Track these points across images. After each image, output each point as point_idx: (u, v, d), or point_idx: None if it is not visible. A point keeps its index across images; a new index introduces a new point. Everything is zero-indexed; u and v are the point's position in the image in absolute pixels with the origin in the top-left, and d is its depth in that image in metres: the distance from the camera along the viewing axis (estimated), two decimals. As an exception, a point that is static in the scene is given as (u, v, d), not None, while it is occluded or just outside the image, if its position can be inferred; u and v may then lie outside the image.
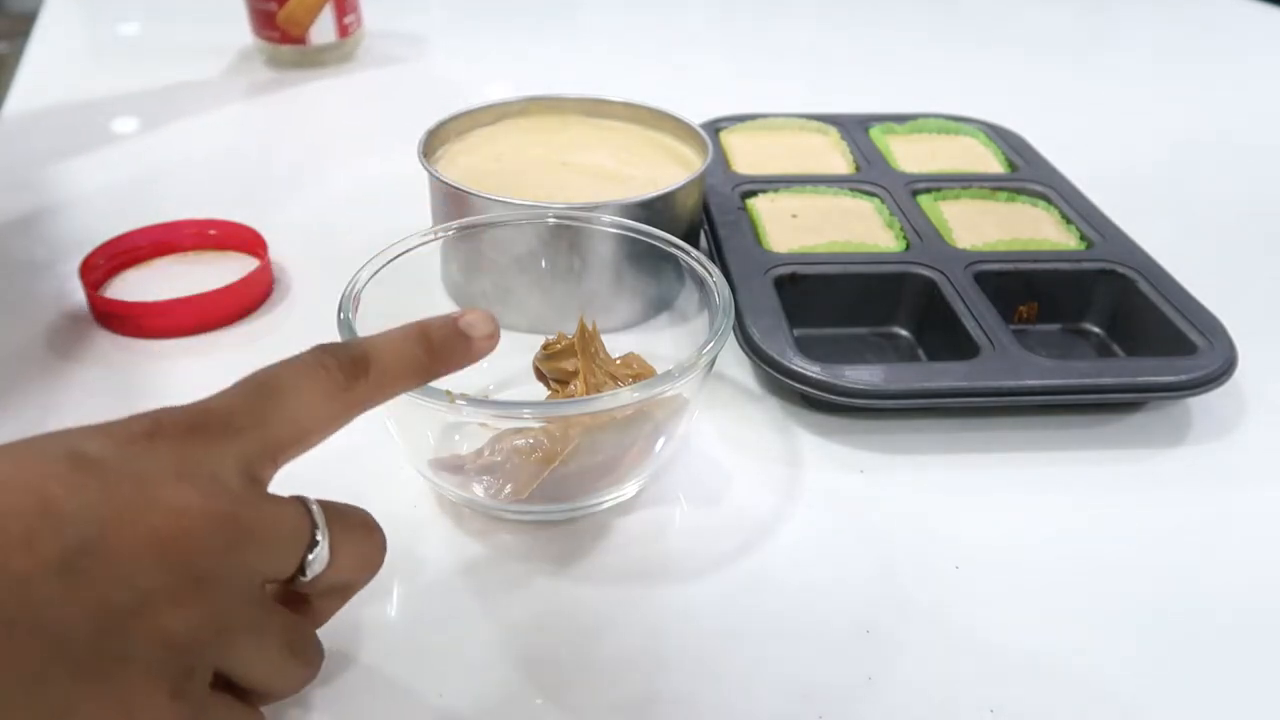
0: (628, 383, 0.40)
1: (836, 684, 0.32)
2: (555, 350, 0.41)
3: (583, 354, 0.40)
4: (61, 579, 0.21)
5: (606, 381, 0.40)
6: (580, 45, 0.99)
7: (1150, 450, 0.44)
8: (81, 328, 0.48)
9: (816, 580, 0.36)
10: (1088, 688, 0.33)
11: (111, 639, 0.22)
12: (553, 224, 0.45)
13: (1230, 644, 0.35)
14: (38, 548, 0.21)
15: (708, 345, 0.35)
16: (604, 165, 0.53)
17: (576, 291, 0.47)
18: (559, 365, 0.41)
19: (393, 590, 0.35)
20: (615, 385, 0.40)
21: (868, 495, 0.41)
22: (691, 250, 0.41)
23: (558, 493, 0.37)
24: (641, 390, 0.34)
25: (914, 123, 0.69)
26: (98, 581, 0.21)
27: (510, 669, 0.32)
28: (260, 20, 0.82)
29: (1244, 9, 1.14)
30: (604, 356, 0.41)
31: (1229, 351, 0.45)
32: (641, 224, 0.43)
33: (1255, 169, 0.75)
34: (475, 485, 0.37)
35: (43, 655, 0.21)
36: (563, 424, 0.36)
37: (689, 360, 0.35)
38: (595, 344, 0.41)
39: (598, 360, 0.41)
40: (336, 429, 0.28)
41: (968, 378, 0.43)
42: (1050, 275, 0.51)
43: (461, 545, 0.37)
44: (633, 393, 0.33)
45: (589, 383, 0.40)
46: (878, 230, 0.55)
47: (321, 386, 0.27)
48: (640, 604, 0.35)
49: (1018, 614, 0.35)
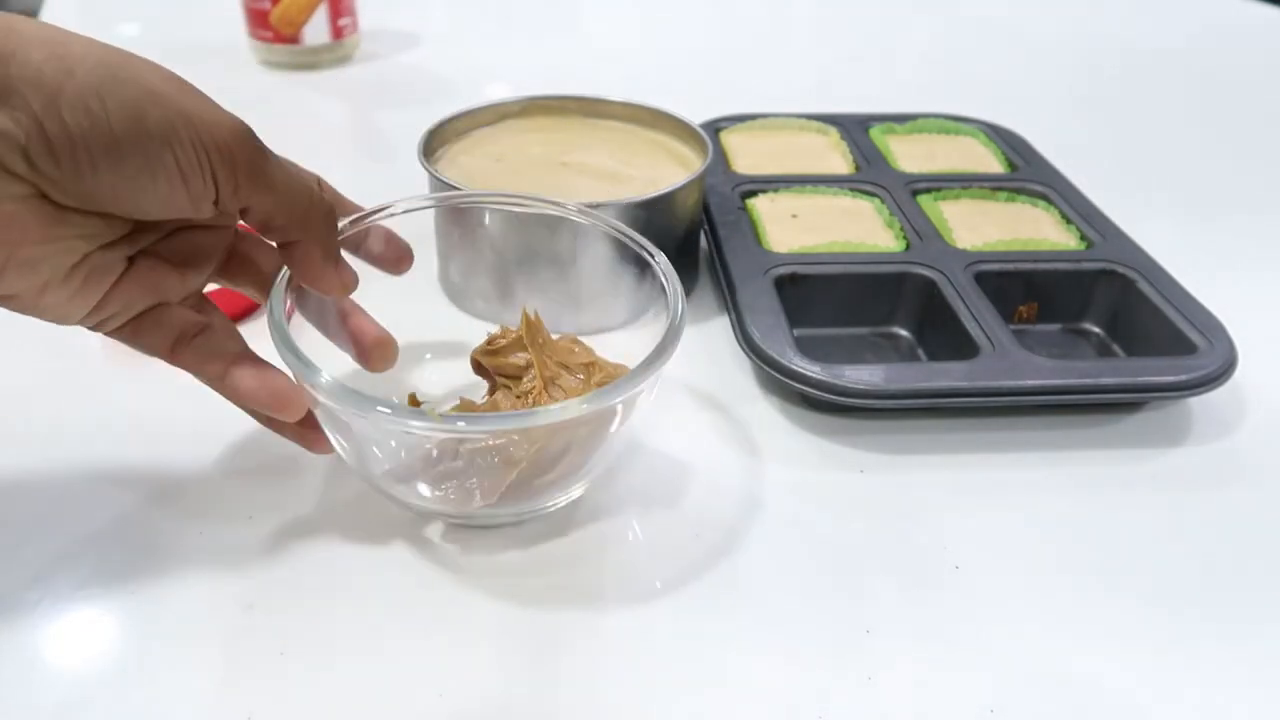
0: (579, 372, 0.39)
1: (836, 684, 0.32)
2: (500, 345, 0.40)
3: (532, 346, 0.40)
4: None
5: (560, 373, 0.39)
6: (580, 45, 0.99)
7: (1150, 450, 0.44)
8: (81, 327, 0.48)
9: (816, 580, 0.36)
10: (1087, 688, 0.33)
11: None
12: (549, 218, 0.43)
13: (1230, 644, 0.35)
14: None
15: (656, 361, 0.33)
16: (603, 165, 0.53)
17: (565, 289, 0.46)
18: (505, 360, 0.40)
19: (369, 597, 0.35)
20: (569, 375, 0.39)
21: (868, 495, 0.41)
22: (659, 257, 0.38)
23: (522, 494, 0.35)
24: (611, 394, 0.32)
25: (914, 123, 0.69)
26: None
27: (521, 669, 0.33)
28: (254, 20, 0.82)
29: (1244, 9, 1.14)
30: (550, 345, 0.41)
31: (1229, 351, 0.45)
32: (620, 224, 0.40)
33: (1255, 169, 0.75)
34: (436, 493, 0.35)
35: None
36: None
37: (641, 371, 0.33)
38: (542, 334, 0.40)
39: (547, 350, 0.40)
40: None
41: (968, 378, 0.43)
42: (1050, 275, 0.51)
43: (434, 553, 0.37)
44: (597, 400, 0.32)
45: (544, 376, 0.39)
46: (878, 230, 0.55)
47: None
48: (640, 604, 0.35)
49: (1018, 614, 0.35)
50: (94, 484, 0.39)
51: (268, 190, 0.30)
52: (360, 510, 0.38)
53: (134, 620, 0.33)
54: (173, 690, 0.31)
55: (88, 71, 0.27)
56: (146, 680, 0.31)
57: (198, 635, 0.33)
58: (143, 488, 0.39)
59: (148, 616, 0.34)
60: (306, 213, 0.32)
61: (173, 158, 0.28)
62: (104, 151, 0.27)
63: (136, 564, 0.35)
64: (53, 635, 0.33)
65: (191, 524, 0.37)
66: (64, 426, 0.42)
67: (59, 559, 0.35)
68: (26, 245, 0.28)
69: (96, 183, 0.27)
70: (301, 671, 0.32)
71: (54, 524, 0.37)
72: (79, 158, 0.27)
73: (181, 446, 0.41)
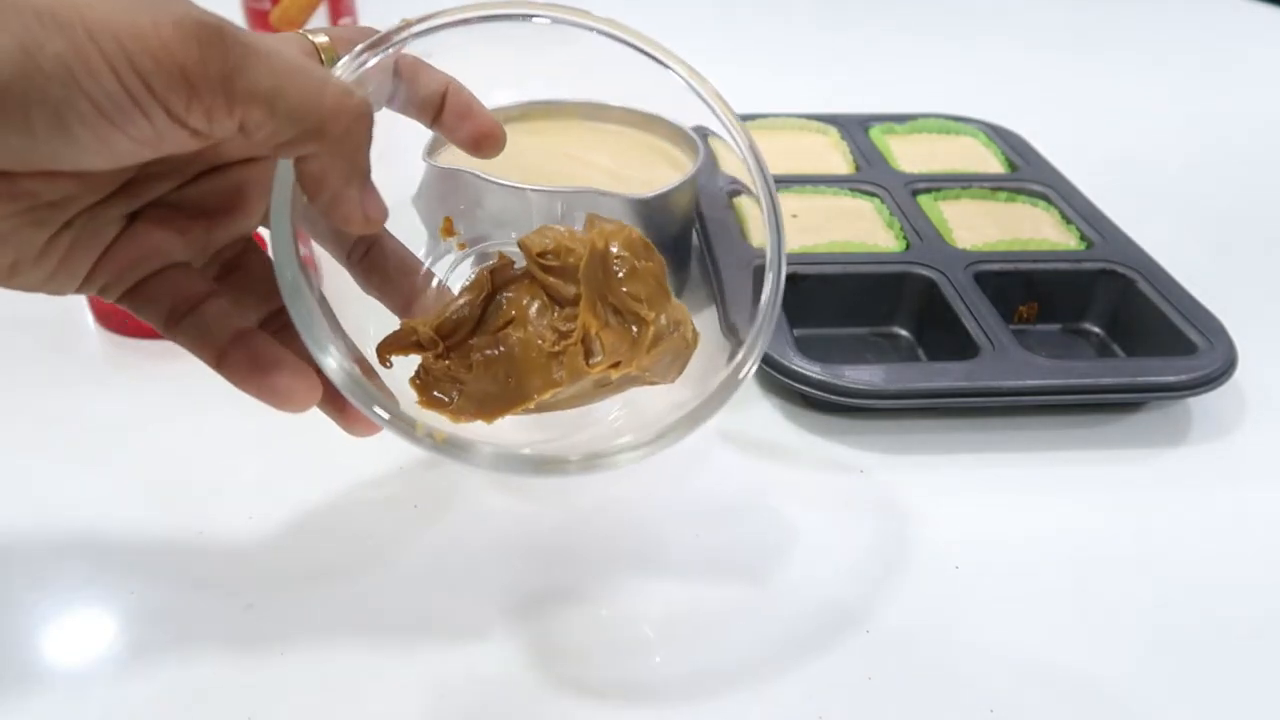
0: (631, 321, 0.32)
1: (836, 684, 0.32)
2: (553, 266, 0.33)
3: (587, 283, 0.32)
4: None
5: (610, 320, 0.32)
6: (579, 47, 0.98)
7: (1150, 450, 0.44)
8: (81, 327, 0.48)
9: (816, 580, 0.36)
10: (1087, 688, 0.33)
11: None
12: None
13: (1231, 644, 0.35)
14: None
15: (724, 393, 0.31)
16: (604, 166, 0.54)
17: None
18: (554, 280, 0.33)
19: (392, 591, 0.35)
20: (619, 324, 0.32)
21: (868, 495, 0.41)
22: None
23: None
24: (675, 437, 0.29)
25: (914, 123, 0.69)
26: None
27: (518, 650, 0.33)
28: (254, 20, 0.82)
29: (1244, 8, 1.14)
30: (611, 281, 0.33)
31: (1229, 351, 0.45)
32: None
33: (1256, 169, 0.75)
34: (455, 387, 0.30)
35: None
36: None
37: (720, 388, 0.31)
38: (605, 269, 0.33)
39: (607, 287, 0.33)
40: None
41: (968, 378, 0.43)
42: (1050, 275, 0.51)
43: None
44: (657, 445, 0.29)
45: (590, 328, 0.32)
46: (878, 230, 0.55)
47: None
48: (640, 604, 0.35)
49: (1017, 614, 0.35)
50: (94, 484, 0.39)
51: (252, 99, 0.23)
52: (361, 511, 0.38)
53: (134, 620, 0.33)
54: (173, 690, 0.31)
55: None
56: (146, 680, 0.31)
57: (198, 635, 0.33)
58: (143, 488, 0.39)
59: (148, 616, 0.34)
60: (319, 117, 0.24)
61: (84, 99, 0.21)
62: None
63: (136, 564, 0.35)
64: (53, 635, 0.33)
65: (191, 524, 0.37)
66: (63, 425, 0.42)
67: (59, 559, 0.35)
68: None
69: (3, 144, 0.22)
70: (301, 671, 0.32)
71: (54, 524, 0.37)
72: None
73: (182, 446, 0.41)
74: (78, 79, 0.21)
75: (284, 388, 0.28)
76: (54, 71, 0.21)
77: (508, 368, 0.32)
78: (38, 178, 0.24)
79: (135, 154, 0.23)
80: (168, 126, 0.23)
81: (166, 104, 0.22)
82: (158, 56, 0.21)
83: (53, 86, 0.21)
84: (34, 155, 0.22)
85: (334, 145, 0.25)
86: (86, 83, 0.21)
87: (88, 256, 0.27)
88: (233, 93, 0.22)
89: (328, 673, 0.32)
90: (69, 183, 0.25)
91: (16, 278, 0.26)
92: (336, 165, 0.25)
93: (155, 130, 0.23)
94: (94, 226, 0.26)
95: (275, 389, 0.28)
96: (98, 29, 0.21)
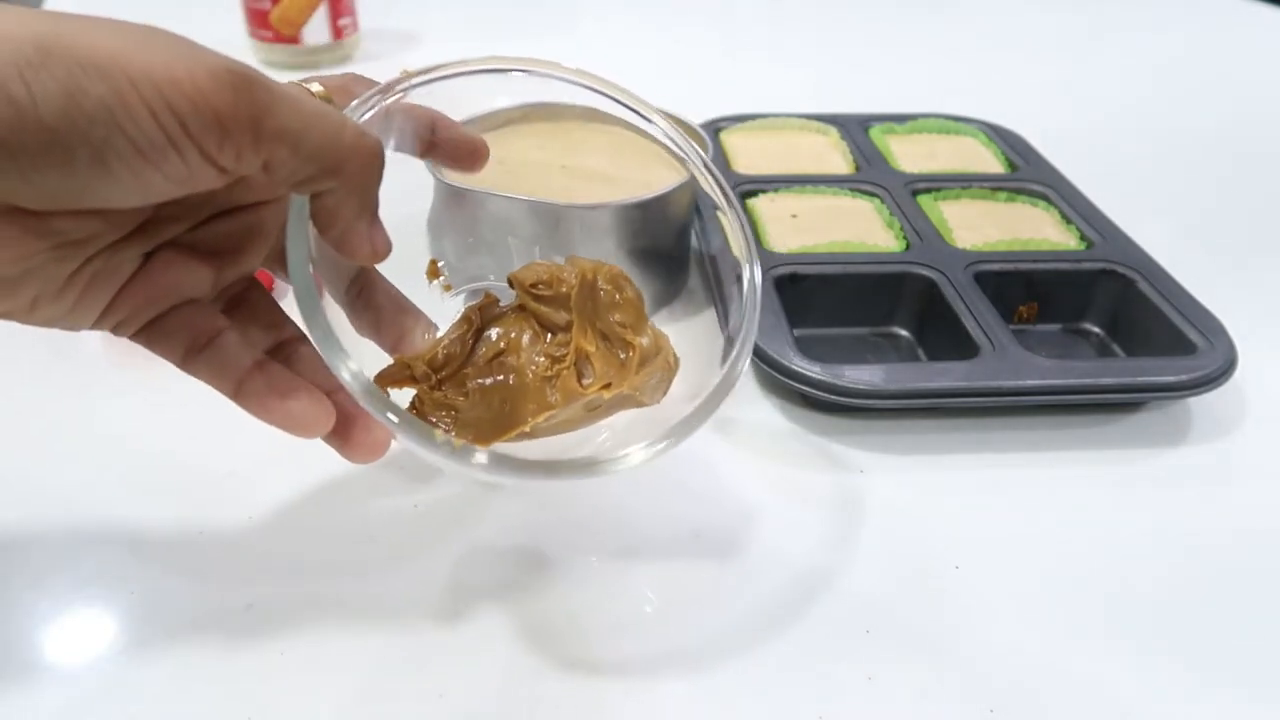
0: (620, 348, 0.35)
1: (836, 684, 0.32)
2: (546, 295, 0.35)
3: (579, 313, 0.35)
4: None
5: (599, 345, 0.35)
6: (579, 47, 0.98)
7: (1150, 450, 0.44)
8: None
9: (815, 580, 0.36)
10: (1087, 688, 0.33)
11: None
12: (559, 209, 0.41)
13: (1230, 643, 0.35)
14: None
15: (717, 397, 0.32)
16: (602, 168, 0.54)
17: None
18: (545, 309, 0.35)
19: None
20: (608, 350, 0.35)
21: (868, 495, 0.41)
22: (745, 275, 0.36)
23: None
24: (674, 440, 0.31)
25: (914, 123, 0.69)
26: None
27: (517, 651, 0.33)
28: (254, 20, 0.82)
29: (1244, 8, 1.14)
30: (599, 309, 0.36)
31: (1229, 351, 0.45)
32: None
33: (1255, 168, 0.75)
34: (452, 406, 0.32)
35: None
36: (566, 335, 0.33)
37: (704, 404, 0.32)
38: (594, 298, 0.35)
39: (596, 314, 0.35)
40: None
41: (968, 378, 0.43)
42: (1050, 275, 0.51)
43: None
44: (661, 447, 0.30)
45: (581, 351, 0.35)
46: (878, 230, 0.55)
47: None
48: (636, 605, 0.35)
49: (1018, 614, 0.35)
50: (94, 484, 0.39)
51: (279, 139, 0.25)
52: (361, 510, 0.38)
53: (134, 620, 0.33)
54: (173, 690, 0.31)
55: (13, 51, 0.22)
56: (147, 680, 0.31)
57: (198, 635, 0.33)
58: (143, 487, 0.39)
59: (148, 616, 0.34)
60: (338, 156, 0.26)
61: (124, 139, 0.23)
62: (41, 147, 0.22)
63: (136, 564, 0.35)
64: (53, 635, 0.33)
65: (191, 524, 0.37)
66: (64, 426, 0.42)
67: (59, 559, 0.35)
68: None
69: (45, 183, 0.23)
70: (301, 671, 0.32)
71: (54, 524, 0.37)
72: (14, 156, 0.22)
73: (182, 445, 0.41)
74: (119, 121, 0.23)
75: (300, 412, 0.30)
76: (96, 114, 0.22)
77: (503, 394, 0.34)
78: (67, 217, 0.25)
79: (167, 191, 0.25)
80: (199, 165, 0.24)
81: (201, 144, 0.24)
82: (194, 101, 0.23)
83: (95, 128, 0.22)
84: (70, 193, 0.24)
85: (349, 182, 0.27)
86: (127, 125, 0.23)
87: (105, 292, 0.28)
88: (260, 133, 0.24)
89: (328, 673, 0.32)
90: (94, 221, 0.26)
91: (37, 312, 0.27)
92: (349, 201, 0.27)
93: (188, 168, 0.24)
94: (113, 264, 0.28)
95: (292, 414, 0.30)
96: (138, 76, 0.23)
